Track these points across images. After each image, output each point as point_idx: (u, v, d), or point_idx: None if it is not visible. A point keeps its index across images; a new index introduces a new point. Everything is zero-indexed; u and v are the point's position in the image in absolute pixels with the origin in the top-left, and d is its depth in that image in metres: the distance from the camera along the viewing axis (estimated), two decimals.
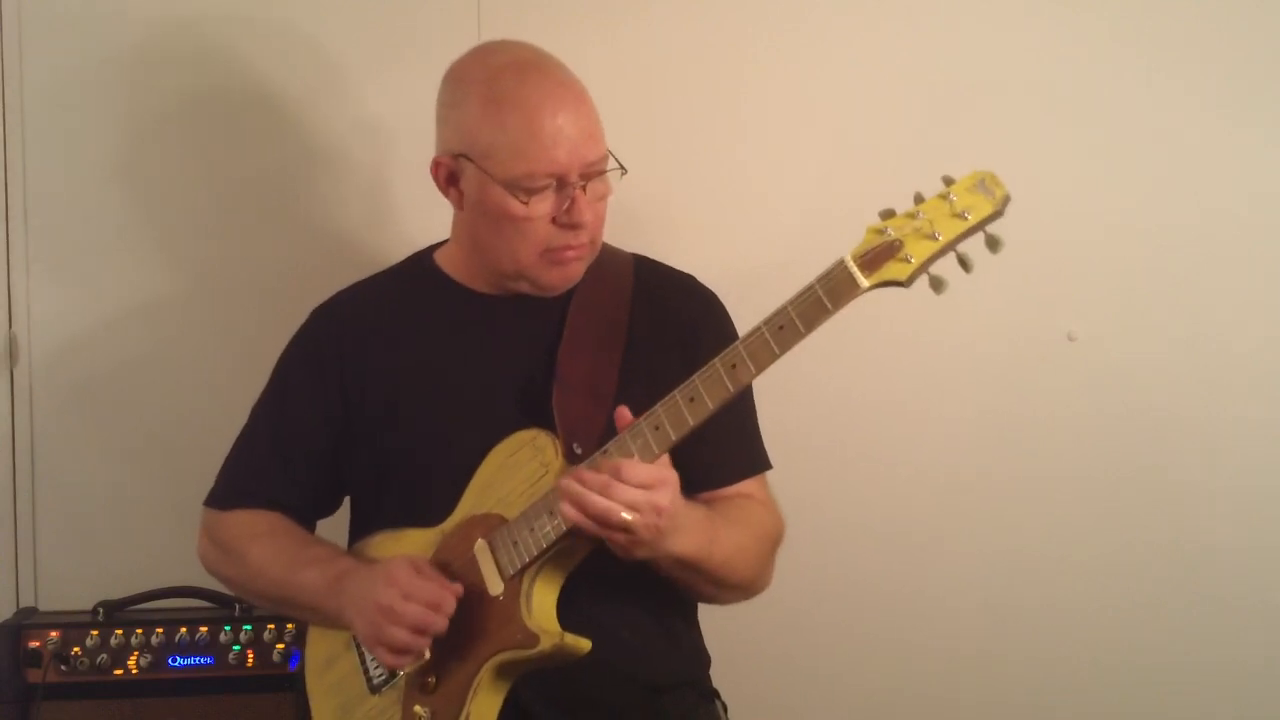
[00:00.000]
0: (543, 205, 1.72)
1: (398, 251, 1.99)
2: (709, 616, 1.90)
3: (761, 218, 2.38)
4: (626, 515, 1.55)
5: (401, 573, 1.66)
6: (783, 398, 1.92)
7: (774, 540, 1.82)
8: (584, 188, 1.72)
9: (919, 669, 2.42)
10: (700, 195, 2.38)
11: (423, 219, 1.98)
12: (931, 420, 2.40)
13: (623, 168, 1.76)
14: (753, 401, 1.87)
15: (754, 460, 1.86)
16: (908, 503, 2.40)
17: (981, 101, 2.36)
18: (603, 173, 1.74)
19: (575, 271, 1.79)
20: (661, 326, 1.82)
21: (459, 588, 1.66)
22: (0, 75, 2.31)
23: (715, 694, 1.91)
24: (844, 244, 1.81)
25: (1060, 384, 2.40)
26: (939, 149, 2.34)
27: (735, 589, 1.78)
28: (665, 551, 1.62)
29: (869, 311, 2.26)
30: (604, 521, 1.56)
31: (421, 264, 1.91)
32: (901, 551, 2.41)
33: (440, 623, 1.64)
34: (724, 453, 1.80)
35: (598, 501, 1.56)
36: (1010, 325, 2.39)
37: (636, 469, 1.57)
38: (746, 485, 1.83)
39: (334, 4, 2.35)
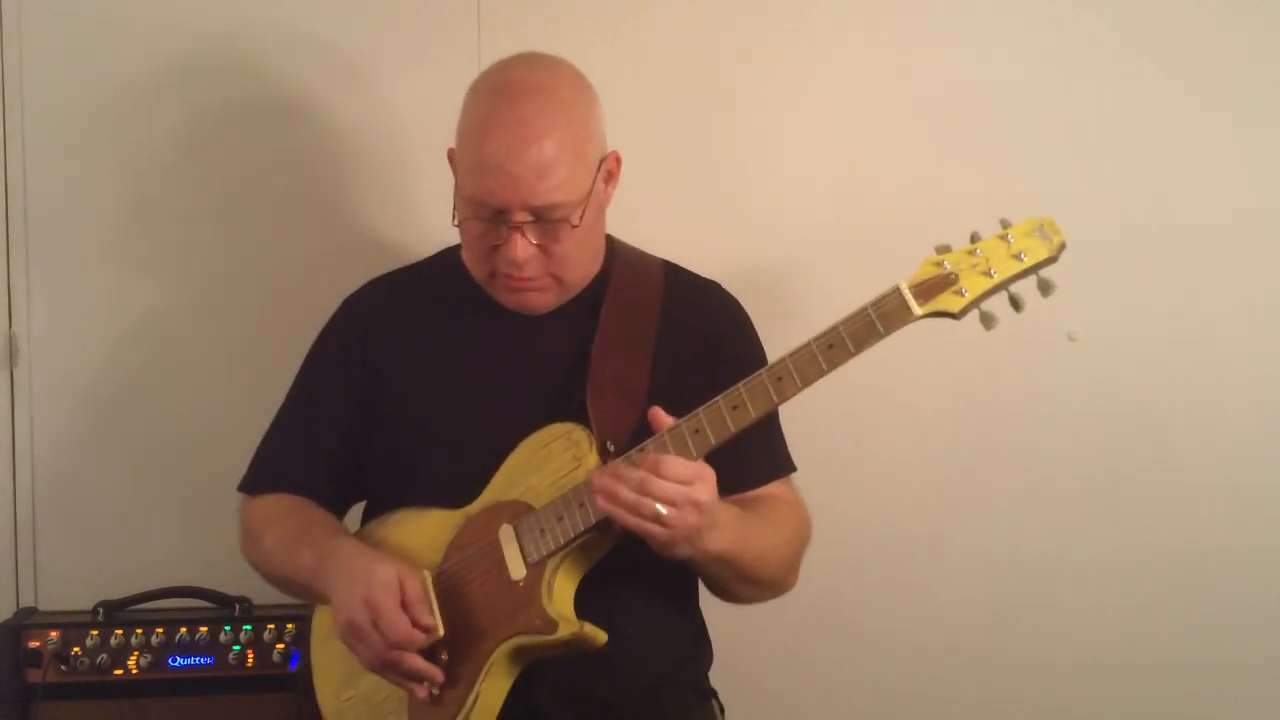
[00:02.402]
0: (477, 228, 1.73)
1: (402, 252, 1.99)
2: (709, 614, 1.90)
3: (761, 218, 2.38)
4: (662, 509, 1.56)
5: (383, 597, 1.64)
6: None
7: (803, 539, 1.84)
8: (520, 228, 1.70)
9: (919, 669, 2.42)
10: (700, 195, 2.37)
11: (424, 219, 1.99)
12: (931, 420, 2.40)
13: (573, 224, 1.71)
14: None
15: (778, 464, 1.87)
16: (907, 502, 2.40)
17: (981, 103, 2.36)
18: (551, 221, 1.70)
19: (532, 300, 1.79)
20: (688, 336, 1.82)
21: (435, 626, 1.65)
22: (0, 75, 2.31)
23: (712, 693, 1.91)
24: (843, 244, 1.82)
25: (1060, 384, 2.40)
26: (939, 150, 2.36)
27: (766, 587, 1.79)
28: (702, 549, 1.63)
29: None
30: (638, 513, 1.56)
31: (449, 260, 1.91)
32: (900, 551, 2.41)
33: (406, 661, 1.64)
34: (749, 457, 1.79)
35: (630, 496, 1.57)
36: (1010, 325, 2.38)
37: (675, 464, 1.57)
38: (773, 487, 1.84)
39: (333, 5, 2.35)
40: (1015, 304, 1.57)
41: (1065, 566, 2.41)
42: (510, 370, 1.81)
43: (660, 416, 1.62)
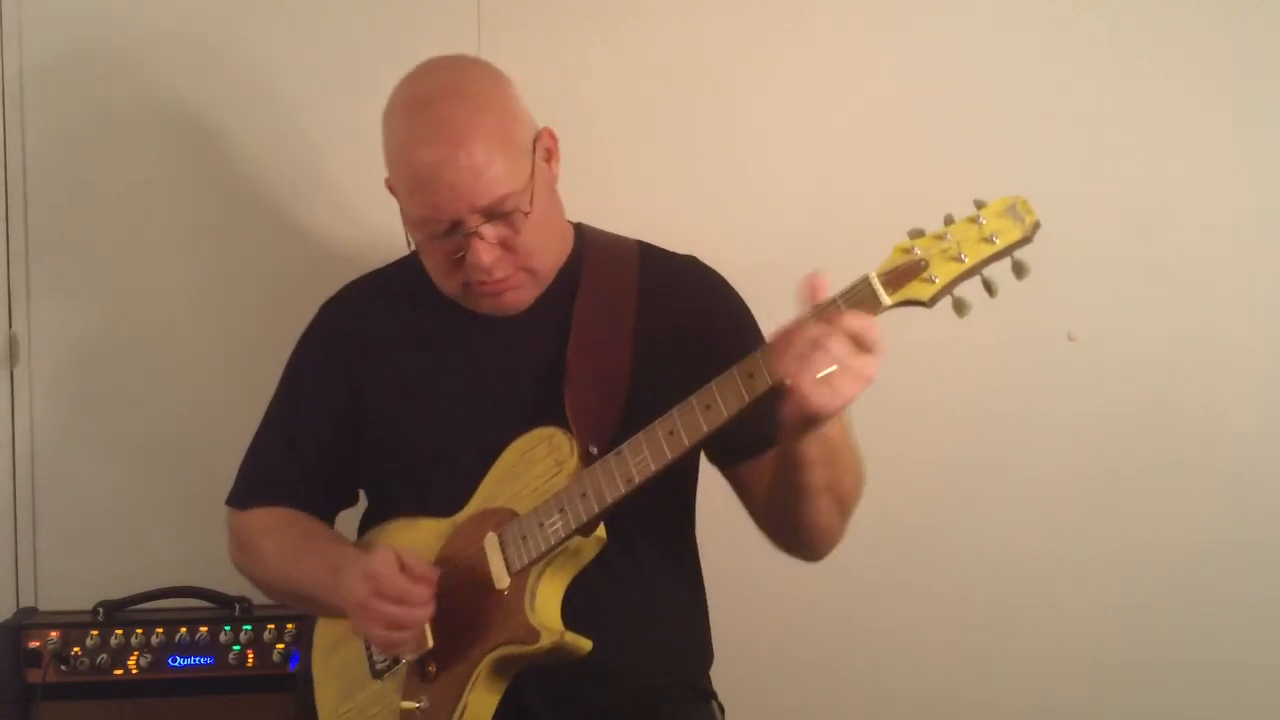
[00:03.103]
0: (437, 249, 1.72)
1: (402, 253, 1.99)
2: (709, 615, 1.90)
3: (762, 216, 2.38)
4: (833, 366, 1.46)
5: (380, 567, 1.65)
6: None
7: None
8: (478, 233, 1.68)
9: (920, 670, 2.42)
10: (699, 193, 2.37)
11: None
12: (931, 420, 2.40)
13: (525, 210, 1.70)
14: None
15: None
16: (907, 502, 2.39)
17: (981, 102, 2.36)
18: (504, 215, 1.69)
19: (512, 300, 1.77)
20: (670, 316, 1.80)
21: (433, 577, 1.65)
22: (0, 74, 2.31)
23: (712, 694, 1.90)
24: (843, 243, 1.79)
25: (1060, 384, 2.40)
26: (938, 149, 2.36)
27: (847, 511, 1.73)
28: (831, 430, 1.56)
29: None
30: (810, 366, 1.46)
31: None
32: (900, 551, 2.40)
33: (413, 616, 1.64)
34: (766, 417, 1.65)
35: (834, 345, 1.46)
36: (1010, 325, 2.38)
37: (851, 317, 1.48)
38: None
39: (333, 5, 2.35)
40: (989, 288, 1.50)
41: (1065, 566, 2.41)
42: (490, 374, 1.79)
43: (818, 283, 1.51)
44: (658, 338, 1.77)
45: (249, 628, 2.09)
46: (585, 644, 1.63)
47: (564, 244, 1.84)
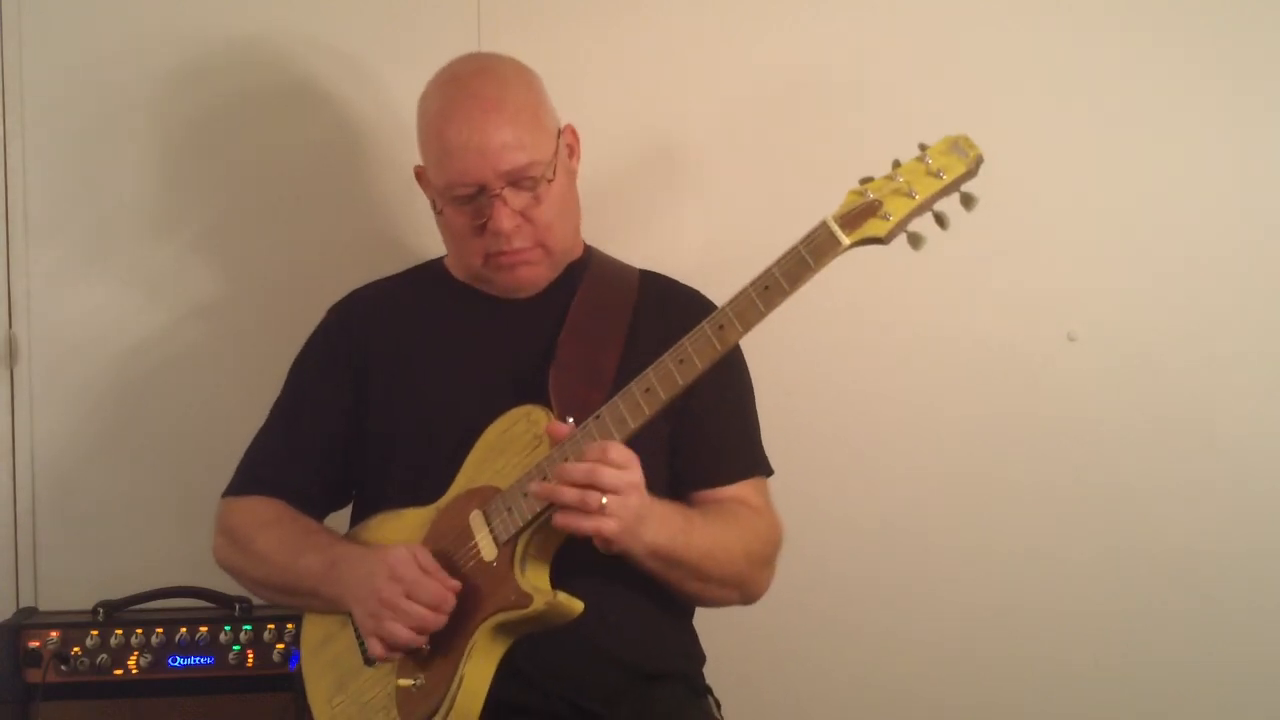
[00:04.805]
0: (462, 215, 1.80)
1: (402, 252, 1.99)
2: (704, 612, 1.90)
3: (761, 214, 2.37)
4: (605, 500, 1.58)
5: (406, 569, 1.68)
6: (781, 396, 1.93)
7: (765, 541, 1.84)
8: (501, 196, 1.76)
9: (916, 668, 2.42)
10: (700, 192, 2.37)
11: (423, 219, 1.99)
12: (932, 419, 2.40)
13: (548, 179, 1.78)
14: (755, 408, 1.91)
15: (752, 463, 1.89)
16: (907, 501, 2.40)
17: (980, 100, 2.36)
18: (528, 182, 1.77)
19: (527, 275, 1.84)
20: (662, 333, 1.81)
21: (458, 585, 1.68)
22: (0, 73, 2.31)
23: (708, 690, 1.92)
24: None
25: (1060, 384, 2.40)
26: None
27: (721, 585, 1.79)
28: (641, 541, 1.65)
29: (870, 310, 2.28)
30: (585, 509, 1.58)
31: (432, 268, 1.98)
32: (900, 550, 2.40)
33: (441, 621, 1.67)
34: (722, 453, 1.85)
35: (573, 494, 1.59)
36: (1010, 325, 2.39)
37: (617, 449, 1.60)
38: (743, 490, 1.86)
39: (333, 5, 2.35)
40: (941, 222, 1.57)
41: (1065, 567, 2.41)
42: (484, 359, 1.85)
43: (561, 429, 1.66)
44: (646, 345, 1.79)
45: (249, 628, 2.08)
46: (577, 605, 1.64)
47: (577, 241, 1.92)
